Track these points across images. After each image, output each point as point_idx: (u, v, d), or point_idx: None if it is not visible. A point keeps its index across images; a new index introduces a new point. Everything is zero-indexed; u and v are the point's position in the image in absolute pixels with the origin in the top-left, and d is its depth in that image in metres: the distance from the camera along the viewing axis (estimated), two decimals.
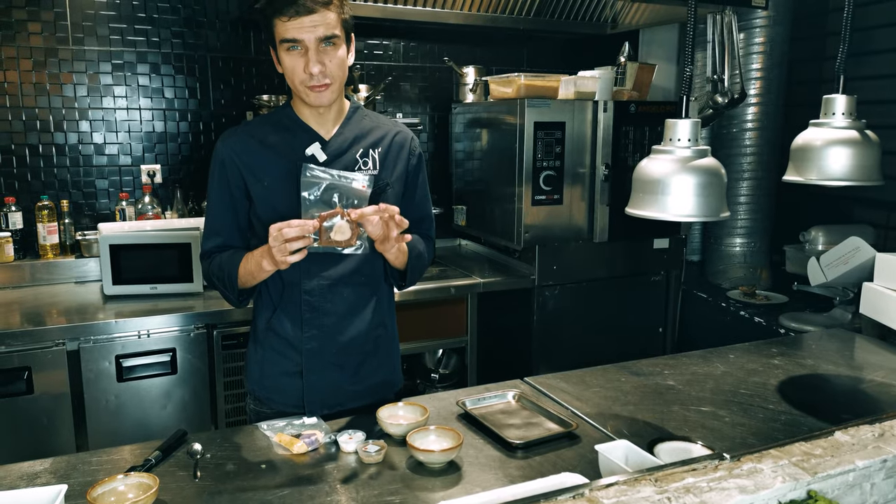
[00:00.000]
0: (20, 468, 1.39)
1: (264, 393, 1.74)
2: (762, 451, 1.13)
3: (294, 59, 1.53)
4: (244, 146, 1.64)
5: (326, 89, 1.56)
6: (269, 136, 1.65)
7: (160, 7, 3.10)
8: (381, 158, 1.68)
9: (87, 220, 3.11)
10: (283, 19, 1.49)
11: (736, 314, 3.04)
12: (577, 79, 2.97)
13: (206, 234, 1.71)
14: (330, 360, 1.69)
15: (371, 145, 1.68)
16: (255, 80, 3.32)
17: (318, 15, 1.49)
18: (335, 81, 1.56)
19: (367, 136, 1.68)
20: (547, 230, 2.98)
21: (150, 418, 2.50)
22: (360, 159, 1.65)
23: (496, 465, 1.43)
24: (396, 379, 1.85)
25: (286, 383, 1.70)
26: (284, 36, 1.51)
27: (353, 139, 1.67)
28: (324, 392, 1.70)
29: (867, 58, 2.93)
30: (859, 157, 1.63)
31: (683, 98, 1.51)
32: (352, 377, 1.73)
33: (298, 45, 1.52)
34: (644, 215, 1.51)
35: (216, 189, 1.66)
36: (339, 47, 1.55)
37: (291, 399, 1.70)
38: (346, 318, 1.69)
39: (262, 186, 1.63)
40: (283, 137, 1.64)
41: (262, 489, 1.33)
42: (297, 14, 1.48)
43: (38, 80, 2.97)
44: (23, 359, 2.31)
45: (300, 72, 1.53)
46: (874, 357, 2.12)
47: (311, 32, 1.49)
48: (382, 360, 1.78)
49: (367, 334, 1.73)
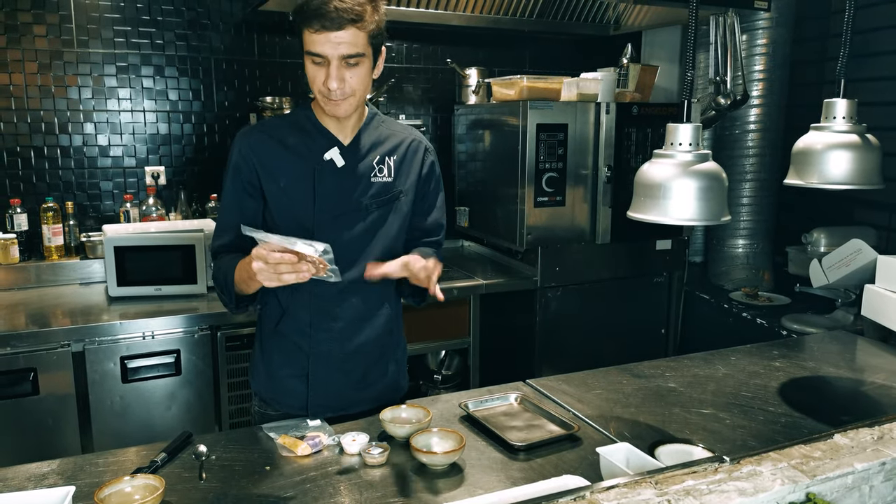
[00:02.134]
0: (27, 469, 1.40)
1: (270, 394, 1.75)
2: (762, 454, 1.14)
3: (316, 71, 1.52)
4: (263, 145, 1.63)
5: (344, 102, 1.55)
6: (289, 137, 1.64)
7: (164, 10, 3.12)
8: (396, 166, 1.68)
9: (91, 222, 3.13)
10: (310, 31, 1.47)
11: (738, 315, 3.04)
12: (579, 80, 2.98)
13: (216, 232, 1.69)
14: (336, 365, 1.70)
15: (388, 153, 1.68)
16: (259, 83, 3.33)
17: (344, 32, 1.46)
18: (354, 96, 1.55)
19: (384, 144, 1.69)
20: (549, 232, 2.99)
21: (154, 419, 2.51)
22: (377, 166, 1.66)
23: (498, 467, 1.44)
24: (402, 384, 1.86)
25: (292, 386, 1.71)
26: (309, 48, 1.49)
27: (371, 146, 1.67)
28: (328, 396, 1.71)
29: (868, 60, 2.93)
30: (860, 161, 1.64)
31: (685, 102, 1.52)
32: (357, 383, 1.73)
33: (321, 60, 1.50)
34: (646, 219, 1.52)
35: (230, 186, 1.65)
36: (364, 65, 1.52)
37: (296, 401, 1.71)
38: (355, 325, 1.70)
39: (277, 187, 1.62)
40: (302, 140, 1.64)
41: (266, 491, 1.34)
42: (323, 28, 1.45)
43: (43, 82, 2.98)
44: (28, 360, 2.33)
45: (320, 84, 1.52)
46: (875, 359, 2.12)
47: (335, 49, 1.47)
48: (389, 367, 1.79)
49: (374, 342, 1.73)
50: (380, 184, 1.66)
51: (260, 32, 3.31)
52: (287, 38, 3.37)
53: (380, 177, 1.66)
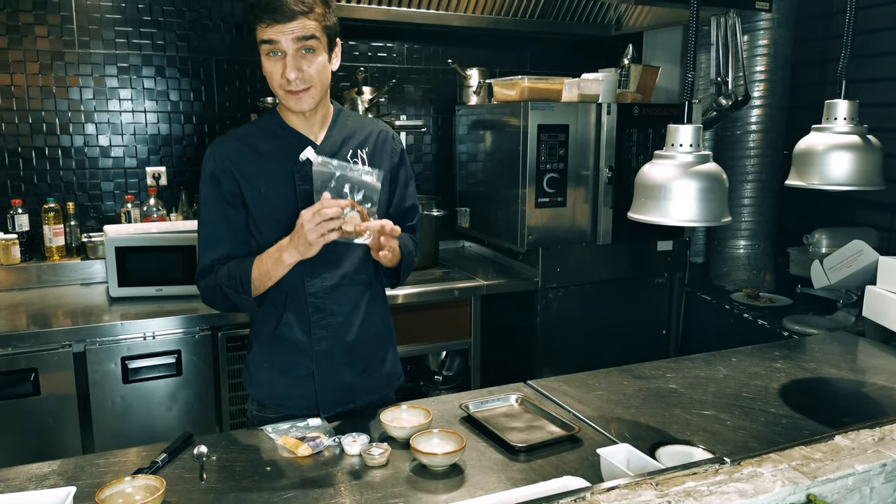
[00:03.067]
0: (28, 470, 1.41)
1: (275, 400, 1.74)
2: (762, 455, 1.14)
3: (273, 64, 1.55)
4: (238, 154, 1.64)
5: (305, 94, 1.57)
6: (261, 143, 1.66)
7: (165, 10, 3.12)
8: (368, 157, 1.71)
9: (92, 222, 3.13)
10: (263, 25, 1.51)
11: (739, 316, 3.04)
12: (580, 81, 2.98)
13: (203, 249, 1.67)
14: (340, 359, 1.73)
15: (358, 145, 1.71)
16: (260, 84, 3.33)
17: (296, 22, 1.50)
18: (314, 86, 1.57)
19: (354, 137, 1.72)
20: (550, 232, 2.99)
21: (155, 420, 2.51)
22: (351, 160, 1.67)
23: (499, 468, 1.44)
24: (399, 371, 1.89)
25: (299, 387, 1.72)
26: (263, 38, 1.53)
27: (343, 141, 1.70)
28: (336, 391, 1.73)
29: (869, 61, 2.93)
30: (861, 162, 1.64)
31: (686, 103, 1.52)
32: (361, 374, 1.76)
33: (277, 51, 1.53)
34: (646, 220, 1.52)
35: (210, 198, 1.64)
36: (319, 53, 1.56)
37: (304, 402, 1.72)
38: (351, 317, 1.72)
39: (258, 194, 1.63)
40: (275, 145, 1.65)
41: (267, 491, 1.34)
42: (275, 21, 1.50)
43: (45, 83, 2.99)
44: (29, 360, 2.33)
45: (278, 76, 1.55)
46: (876, 360, 2.12)
47: (288, 36, 1.51)
48: (386, 354, 1.83)
49: (370, 330, 1.76)
50: None
51: None
52: None
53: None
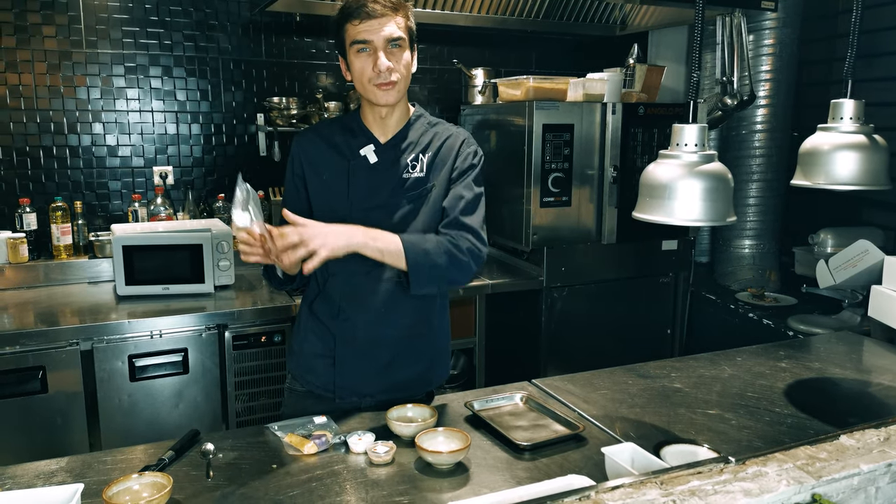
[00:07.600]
0: (36, 467, 1.42)
1: (299, 371, 1.83)
2: (767, 455, 1.14)
3: (363, 60, 1.64)
4: (311, 143, 1.78)
5: (393, 88, 1.65)
6: (335, 136, 1.77)
7: (172, 10, 3.14)
8: (429, 162, 1.75)
9: (100, 221, 3.15)
10: (355, 23, 1.61)
11: (744, 316, 3.04)
12: (585, 81, 2.98)
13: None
14: (362, 350, 1.75)
15: (422, 150, 1.75)
16: (267, 83, 3.35)
17: (386, 18, 1.61)
18: (401, 80, 1.66)
19: (420, 141, 1.76)
20: (555, 232, 2.99)
21: (162, 417, 2.53)
22: (411, 163, 1.73)
23: (503, 466, 1.45)
24: (433, 377, 1.86)
25: (319, 365, 1.78)
26: (355, 38, 1.62)
27: (408, 144, 1.75)
28: (354, 380, 1.76)
29: (876, 60, 2.92)
30: (867, 161, 1.63)
31: (691, 102, 1.52)
32: (383, 370, 1.76)
33: (367, 47, 1.62)
34: (651, 219, 1.51)
35: (289, 180, 1.80)
36: (405, 50, 1.65)
37: (322, 381, 1.78)
38: (384, 314, 1.74)
39: (320, 180, 1.75)
40: (345, 138, 1.76)
41: (273, 489, 1.35)
42: (368, 17, 1.60)
43: (53, 82, 3.01)
44: (37, 358, 2.35)
45: (369, 70, 1.63)
46: (882, 360, 2.12)
47: (379, 33, 1.61)
48: (418, 359, 1.80)
49: (403, 331, 1.76)
50: (412, 179, 1.73)
51: (267, 33, 3.32)
52: (294, 38, 3.38)
53: (413, 173, 1.73)
